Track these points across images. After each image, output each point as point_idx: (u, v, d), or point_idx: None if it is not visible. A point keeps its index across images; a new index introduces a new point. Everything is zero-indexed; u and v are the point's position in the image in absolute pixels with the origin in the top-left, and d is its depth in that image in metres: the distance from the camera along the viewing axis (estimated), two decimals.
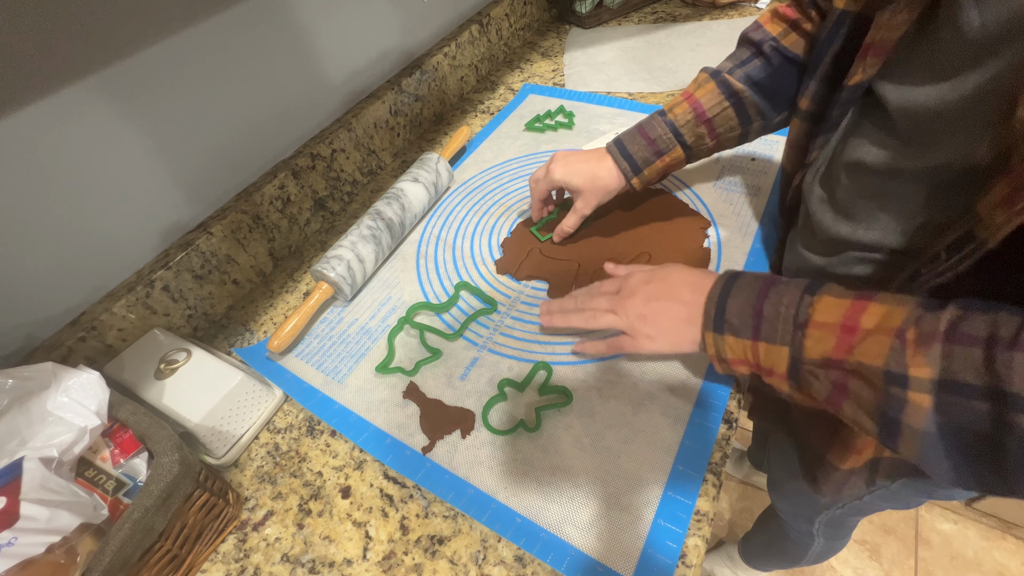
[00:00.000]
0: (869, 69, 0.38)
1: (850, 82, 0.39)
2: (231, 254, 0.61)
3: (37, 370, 0.39)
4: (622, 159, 0.55)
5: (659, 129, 0.54)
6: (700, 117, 0.53)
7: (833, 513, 0.64)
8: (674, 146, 0.54)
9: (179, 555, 0.41)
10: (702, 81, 0.53)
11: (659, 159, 0.54)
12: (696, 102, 0.53)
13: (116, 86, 0.48)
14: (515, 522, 0.41)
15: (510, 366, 0.51)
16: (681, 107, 0.53)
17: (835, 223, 0.43)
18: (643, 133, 0.55)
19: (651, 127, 0.55)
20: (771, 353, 0.37)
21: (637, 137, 0.55)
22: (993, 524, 1.12)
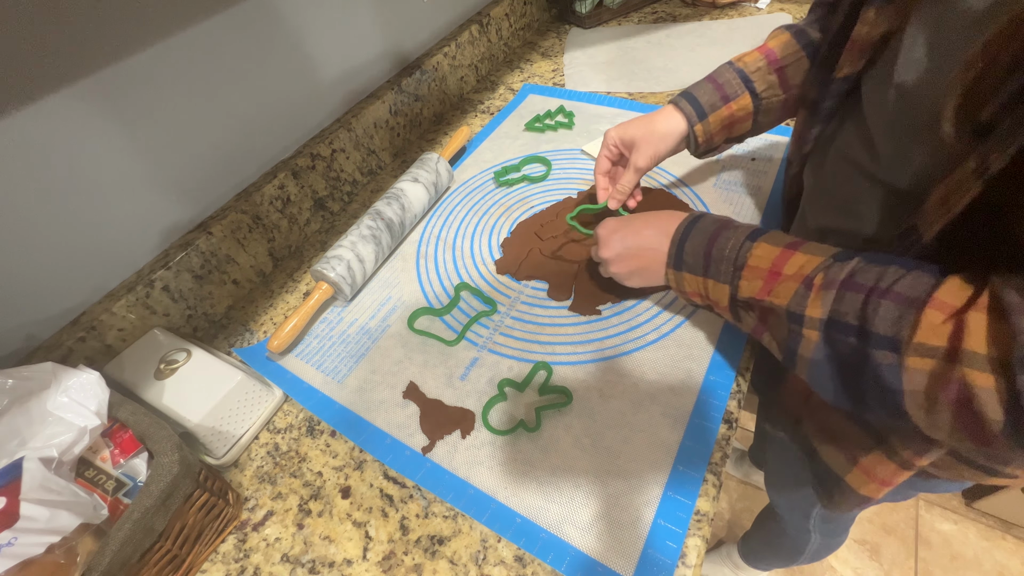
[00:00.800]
0: (855, 63, 0.39)
1: (838, 74, 0.41)
2: (231, 254, 0.61)
3: (37, 370, 0.39)
4: (686, 103, 0.53)
5: (727, 75, 0.52)
6: (772, 64, 0.50)
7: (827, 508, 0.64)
8: (742, 92, 0.51)
9: (179, 555, 0.41)
10: (776, 34, 0.52)
11: (725, 104, 0.52)
12: (768, 50, 0.51)
13: (116, 86, 0.48)
14: (515, 522, 0.41)
15: (510, 366, 0.51)
16: (751, 55, 0.52)
17: (820, 212, 0.45)
18: (710, 79, 0.53)
19: (719, 73, 0.53)
20: (716, 289, 0.43)
21: (703, 83, 0.53)
22: (993, 524, 1.12)
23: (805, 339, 0.35)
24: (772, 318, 0.38)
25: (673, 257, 0.46)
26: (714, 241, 0.43)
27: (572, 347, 0.51)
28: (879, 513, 1.16)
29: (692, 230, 0.45)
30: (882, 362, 0.31)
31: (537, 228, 0.64)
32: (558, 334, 0.53)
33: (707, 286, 0.43)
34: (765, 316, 0.39)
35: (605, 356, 0.50)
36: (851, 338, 0.32)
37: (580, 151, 0.74)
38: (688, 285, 0.45)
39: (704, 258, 0.43)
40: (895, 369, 0.30)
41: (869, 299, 0.32)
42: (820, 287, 0.35)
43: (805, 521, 0.72)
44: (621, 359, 0.50)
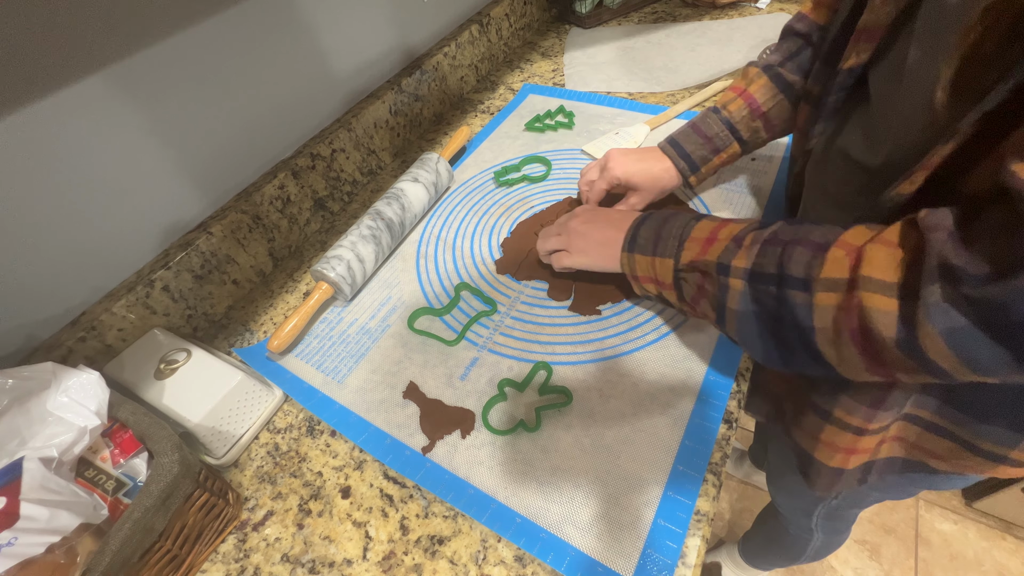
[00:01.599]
0: (861, 54, 0.39)
1: (844, 66, 0.40)
2: (231, 254, 0.61)
3: (37, 370, 0.39)
4: (679, 159, 0.57)
5: (715, 127, 0.55)
6: (755, 112, 0.54)
7: (830, 505, 0.64)
8: (731, 143, 0.56)
9: (179, 555, 0.41)
10: (753, 76, 0.55)
11: (716, 156, 0.56)
12: (751, 97, 0.54)
13: (116, 87, 0.48)
14: (515, 522, 0.41)
15: (510, 366, 0.51)
16: (736, 104, 0.55)
17: (825, 210, 0.45)
18: (699, 131, 0.56)
19: (707, 125, 0.56)
20: (662, 266, 0.45)
21: (693, 136, 0.56)
22: (993, 524, 1.12)
23: (731, 289, 0.38)
24: (707, 281, 0.40)
25: (627, 241, 0.48)
26: (664, 224, 0.46)
27: (572, 347, 0.51)
28: (879, 513, 1.16)
29: (648, 218, 0.48)
30: (796, 302, 0.33)
31: (537, 228, 0.64)
32: (558, 334, 0.53)
33: (655, 265, 0.45)
34: (701, 281, 0.41)
35: (605, 356, 0.50)
36: (771, 287, 0.35)
37: (580, 151, 0.74)
38: (639, 268, 0.47)
39: (654, 238, 0.46)
40: (807, 308, 0.32)
41: (786, 248, 0.34)
42: (748, 245, 0.37)
43: (808, 519, 0.72)
44: (621, 359, 0.50)
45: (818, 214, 0.46)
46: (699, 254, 0.41)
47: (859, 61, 0.39)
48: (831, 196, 0.44)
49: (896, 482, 0.50)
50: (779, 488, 0.74)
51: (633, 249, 0.47)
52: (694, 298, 0.42)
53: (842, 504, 0.63)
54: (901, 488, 0.52)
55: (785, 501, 0.74)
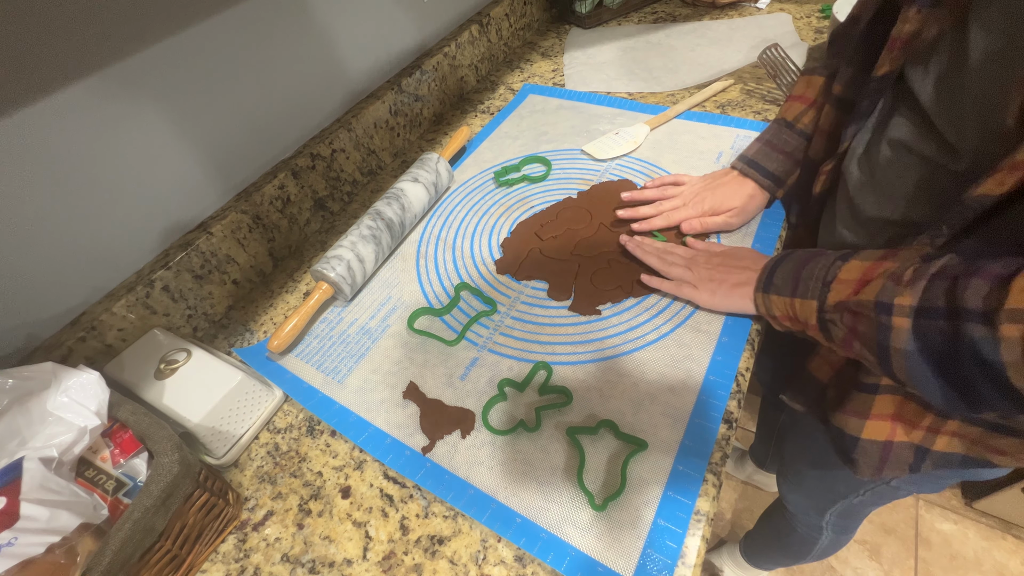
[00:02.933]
0: (895, 61, 0.40)
1: (878, 72, 0.41)
2: (231, 254, 0.61)
3: (37, 370, 0.39)
4: (763, 178, 0.57)
5: (793, 141, 0.56)
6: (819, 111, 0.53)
7: (851, 502, 0.63)
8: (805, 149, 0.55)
9: (179, 555, 0.41)
10: (812, 81, 0.55)
11: (798, 168, 0.57)
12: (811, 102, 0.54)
13: (116, 87, 0.48)
14: (515, 522, 0.41)
15: (510, 366, 0.51)
16: (807, 116, 0.55)
17: (876, 205, 0.45)
18: (777, 149, 0.57)
19: (783, 141, 0.56)
20: (804, 307, 0.42)
21: (772, 154, 0.57)
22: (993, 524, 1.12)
23: (895, 329, 0.34)
24: (861, 323, 0.37)
25: (763, 282, 0.47)
26: (804, 265, 0.43)
27: (572, 347, 0.51)
28: (879, 513, 1.16)
29: (785, 259, 0.46)
30: (975, 336, 0.30)
31: (537, 228, 0.64)
32: (558, 334, 0.53)
33: (795, 306, 0.43)
34: (854, 322, 0.38)
35: (605, 356, 0.50)
36: (941, 322, 0.32)
37: (580, 151, 0.74)
38: (776, 308, 0.45)
39: (793, 280, 0.43)
40: (991, 342, 0.29)
41: (957, 281, 0.31)
42: (910, 280, 0.34)
43: (819, 518, 0.71)
44: (621, 359, 0.50)
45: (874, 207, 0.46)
46: (850, 295, 0.38)
47: (892, 68, 0.40)
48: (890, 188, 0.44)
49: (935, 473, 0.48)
50: (793, 485, 0.73)
51: (769, 290, 0.46)
52: (846, 340, 0.40)
53: (865, 500, 0.61)
54: (936, 481, 0.51)
55: (798, 498, 0.74)
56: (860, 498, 0.61)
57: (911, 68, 0.39)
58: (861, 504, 0.63)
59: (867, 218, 0.47)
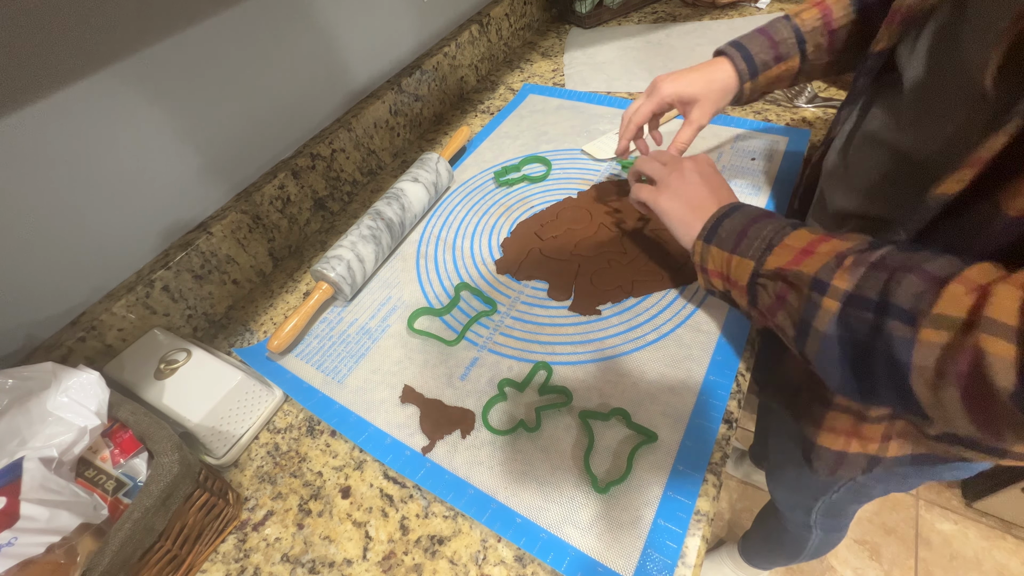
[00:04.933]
0: (893, 36, 0.39)
1: (875, 48, 0.40)
2: (231, 254, 0.61)
3: (37, 370, 0.39)
4: (740, 59, 0.53)
5: (784, 32, 0.52)
6: (828, 25, 0.51)
7: (830, 499, 0.64)
8: (795, 53, 0.52)
9: (179, 555, 0.41)
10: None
11: (776, 65, 0.53)
12: (827, 8, 0.51)
13: (115, 86, 0.48)
14: (515, 522, 0.41)
15: (510, 366, 0.51)
16: (810, 12, 0.51)
17: (843, 196, 0.45)
18: (766, 34, 0.53)
19: (775, 29, 0.53)
20: (740, 266, 0.41)
21: (759, 38, 0.53)
22: (993, 524, 1.12)
23: (823, 309, 0.34)
24: (792, 294, 0.37)
25: (707, 230, 0.45)
26: (753, 223, 0.42)
27: (572, 347, 0.51)
28: (879, 513, 1.16)
29: (736, 211, 0.44)
30: (895, 334, 0.30)
31: (537, 228, 0.64)
32: (558, 334, 0.53)
33: (731, 263, 0.42)
34: (784, 292, 0.37)
35: (605, 356, 0.50)
36: (868, 313, 0.31)
37: (580, 151, 0.74)
38: (712, 262, 0.44)
39: (738, 236, 0.42)
40: (907, 343, 0.29)
41: (894, 275, 0.31)
42: (850, 265, 0.34)
43: (806, 516, 0.72)
44: (621, 359, 0.50)
45: (839, 200, 0.46)
46: (790, 263, 0.37)
47: (889, 44, 0.39)
48: (856, 180, 0.43)
49: (901, 473, 0.50)
50: (779, 483, 0.74)
51: (711, 240, 0.44)
52: (770, 308, 0.39)
53: (843, 498, 0.63)
54: (903, 479, 0.52)
55: (784, 497, 0.74)
56: (837, 495, 0.62)
57: (901, 47, 0.39)
58: (841, 501, 0.64)
59: (834, 210, 0.47)
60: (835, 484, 0.60)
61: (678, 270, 0.55)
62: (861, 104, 0.45)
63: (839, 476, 0.49)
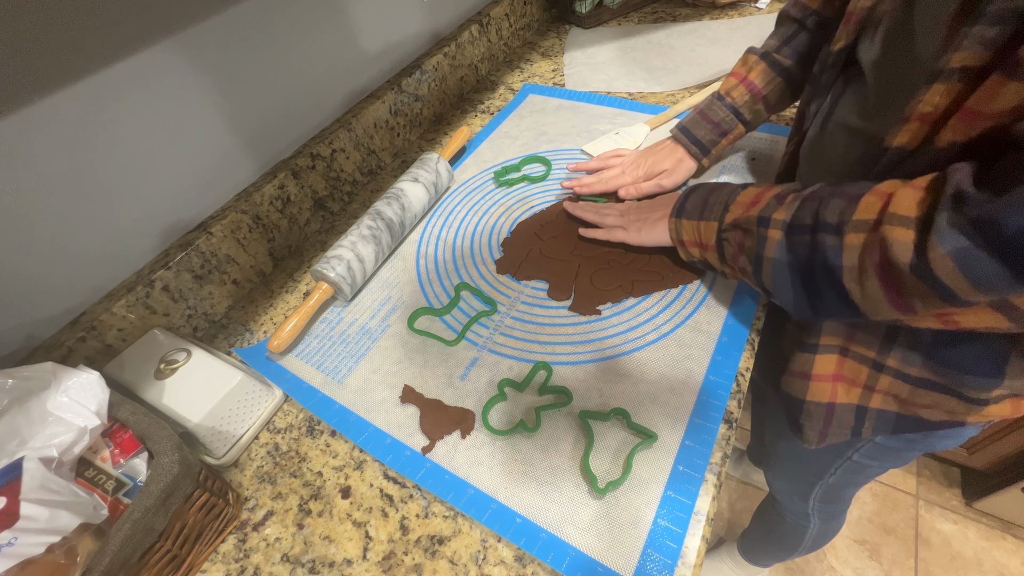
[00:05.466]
0: (851, 35, 0.42)
1: (835, 47, 0.44)
2: (231, 254, 0.61)
3: (37, 370, 0.39)
4: (692, 145, 0.62)
5: (721, 113, 0.60)
6: (756, 96, 0.59)
7: (827, 482, 0.64)
8: (736, 125, 0.61)
9: (179, 555, 0.41)
10: (752, 63, 0.59)
11: (723, 138, 0.62)
12: (751, 84, 0.59)
13: (114, 86, 0.48)
14: (515, 522, 0.41)
15: (510, 366, 0.51)
16: (738, 90, 0.60)
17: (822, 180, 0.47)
18: (706, 118, 0.61)
19: (713, 112, 0.61)
20: (707, 229, 0.48)
21: (701, 122, 0.62)
22: (993, 524, 1.12)
23: (769, 240, 0.40)
24: (747, 239, 0.43)
25: (676, 208, 0.51)
26: (712, 192, 0.49)
27: (572, 347, 0.51)
28: (879, 513, 1.16)
29: (697, 188, 0.51)
30: (827, 244, 0.36)
31: (537, 228, 0.64)
32: (558, 334, 0.53)
33: (700, 228, 0.48)
34: (742, 238, 0.43)
35: (605, 356, 0.50)
36: (806, 236, 0.37)
37: (580, 151, 0.74)
38: (685, 232, 0.50)
39: (701, 205, 0.49)
40: (837, 250, 0.35)
41: (824, 200, 0.37)
42: (789, 201, 0.40)
43: (804, 504, 0.72)
44: (621, 359, 0.50)
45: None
46: (742, 214, 0.44)
47: (848, 41, 0.43)
48: (829, 169, 0.47)
49: (890, 445, 0.52)
50: (776, 472, 0.74)
51: (681, 215, 0.51)
52: (734, 256, 0.45)
53: (840, 481, 0.63)
54: (896, 453, 0.53)
55: (782, 485, 0.75)
56: (834, 477, 0.63)
57: (861, 41, 0.42)
58: (838, 485, 0.65)
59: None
60: (832, 465, 0.60)
61: (678, 270, 0.55)
62: (831, 96, 0.48)
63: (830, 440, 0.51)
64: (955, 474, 1.20)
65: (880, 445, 0.52)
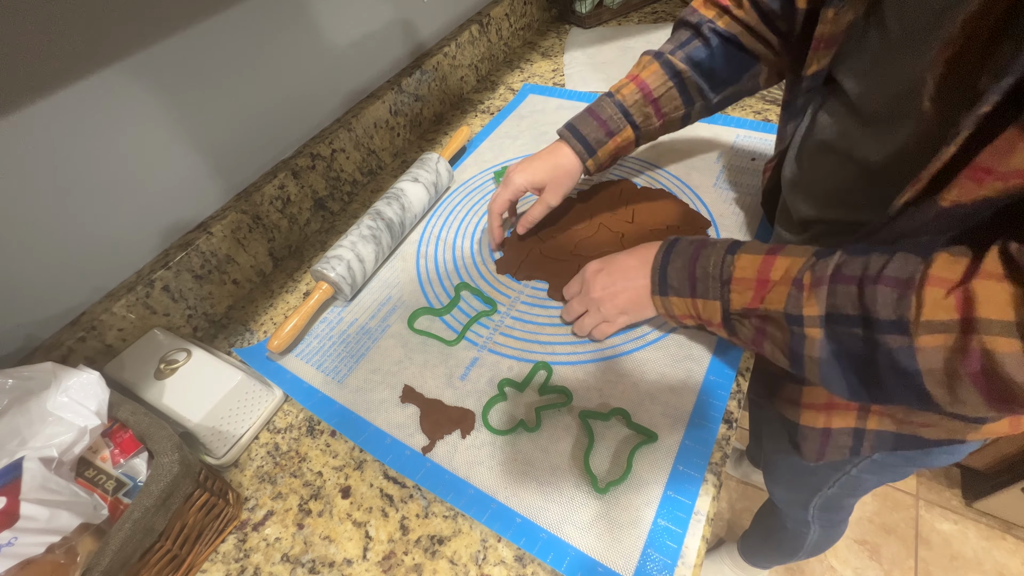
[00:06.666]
0: (822, 59, 0.41)
1: (807, 72, 0.42)
2: (231, 254, 0.61)
3: (37, 370, 0.39)
4: (576, 141, 0.56)
5: (609, 110, 0.55)
6: (647, 97, 0.54)
7: (827, 493, 0.64)
8: (624, 126, 0.55)
9: (179, 555, 0.41)
10: (646, 63, 0.55)
11: (611, 139, 0.56)
12: (642, 82, 0.54)
13: (115, 86, 0.48)
14: (515, 522, 0.41)
15: (510, 366, 0.51)
16: (628, 88, 0.55)
17: (804, 203, 0.47)
18: (594, 115, 0.56)
19: (601, 108, 0.56)
20: (708, 307, 0.43)
21: (588, 119, 0.56)
22: (993, 524, 1.12)
23: (808, 339, 0.35)
24: (770, 326, 0.38)
25: (657, 284, 0.46)
26: (695, 261, 0.43)
27: (572, 347, 0.51)
28: (879, 513, 1.16)
29: (671, 255, 0.46)
30: (893, 346, 0.31)
31: (537, 228, 0.63)
32: (558, 334, 0.53)
33: (697, 306, 0.43)
34: (762, 325, 0.39)
35: (605, 356, 0.50)
36: (856, 329, 0.33)
37: None
38: (676, 308, 0.45)
39: (689, 279, 0.44)
40: (908, 351, 0.30)
41: (863, 288, 0.32)
42: (810, 286, 0.35)
43: (804, 512, 0.72)
44: (621, 359, 0.50)
45: (801, 208, 0.48)
46: (754, 301, 0.39)
47: (821, 66, 0.41)
48: (815, 188, 0.46)
49: (889, 462, 0.51)
50: (775, 480, 0.74)
51: (667, 292, 0.45)
52: (754, 340, 0.41)
53: (839, 493, 0.63)
54: (894, 468, 0.53)
55: (782, 494, 0.75)
56: (833, 489, 0.63)
57: (840, 66, 0.41)
58: (837, 496, 0.65)
59: (798, 218, 0.48)
60: (831, 478, 0.60)
61: None
62: (807, 116, 0.47)
63: (828, 458, 0.50)
64: (955, 474, 1.20)
65: (878, 462, 0.52)
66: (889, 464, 0.52)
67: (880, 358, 0.32)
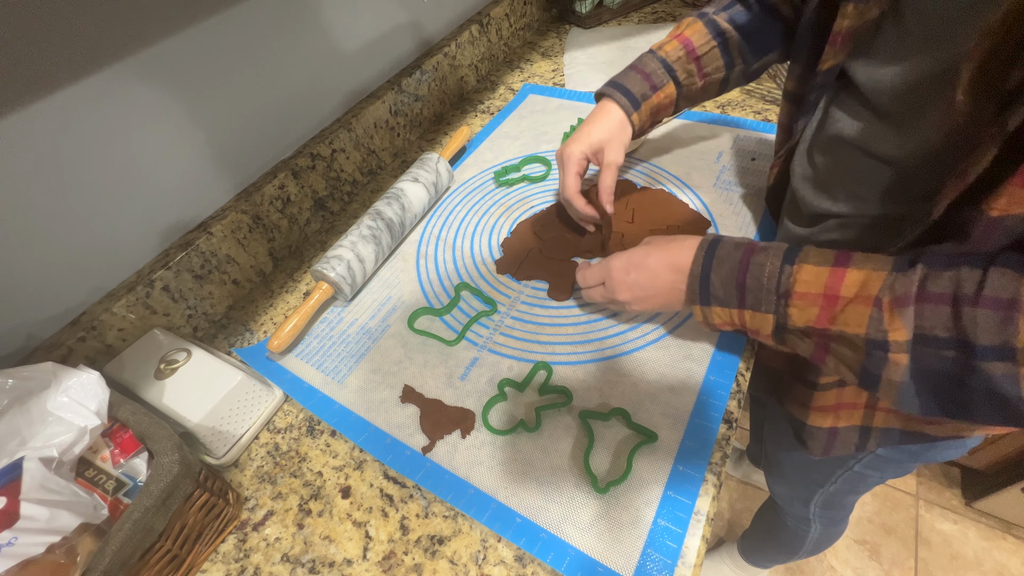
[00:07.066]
0: (839, 55, 0.40)
1: (823, 67, 0.42)
2: (231, 254, 0.61)
3: (37, 370, 0.39)
4: (620, 95, 0.55)
5: (652, 64, 0.55)
6: (691, 54, 0.54)
7: (828, 490, 0.64)
8: (668, 81, 0.55)
9: (179, 555, 0.41)
10: (690, 22, 0.55)
11: (654, 93, 0.55)
12: (686, 39, 0.54)
13: (115, 86, 0.48)
14: (515, 522, 0.41)
15: (510, 366, 0.51)
16: (671, 44, 0.55)
17: (816, 197, 0.46)
18: (637, 69, 0.55)
19: (644, 63, 0.55)
20: (756, 318, 0.39)
21: (631, 73, 0.56)
22: (993, 524, 1.12)
23: (892, 363, 0.33)
24: (841, 345, 0.35)
25: (698, 293, 0.42)
26: (745, 269, 0.39)
27: (572, 347, 0.51)
28: (879, 513, 1.16)
29: (713, 260, 0.41)
30: (994, 373, 0.29)
31: (537, 228, 0.64)
32: (558, 334, 0.53)
33: (744, 317, 0.40)
34: (826, 343, 0.36)
35: (605, 356, 0.50)
36: (947, 351, 0.31)
37: None
38: (717, 317, 0.42)
39: (738, 289, 0.40)
40: (1012, 378, 0.29)
41: (960, 309, 0.30)
42: (893, 305, 0.32)
43: (805, 509, 0.72)
44: (621, 359, 0.50)
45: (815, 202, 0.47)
46: (820, 320, 0.35)
47: (836, 62, 0.41)
48: (832, 182, 0.45)
49: (892, 456, 0.52)
50: (777, 476, 0.74)
51: (708, 302, 0.42)
52: (816, 355, 0.38)
53: (840, 489, 0.63)
54: (897, 464, 0.54)
55: (783, 490, 0.75)
56: (835, 486, 0.63)
57: (854, 61, 0.40)
58: (839, 492, 0.65)
59: (809, 212, 0.48)
60: (834, 474, 0.60)
61: None
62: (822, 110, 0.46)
63: (834, 453, 0.51)
64: (955, 474, 1.20)
65: (882, 457, 0.52)
66: (892, 459, 0.52)
67: (975, 383, 0.30)
